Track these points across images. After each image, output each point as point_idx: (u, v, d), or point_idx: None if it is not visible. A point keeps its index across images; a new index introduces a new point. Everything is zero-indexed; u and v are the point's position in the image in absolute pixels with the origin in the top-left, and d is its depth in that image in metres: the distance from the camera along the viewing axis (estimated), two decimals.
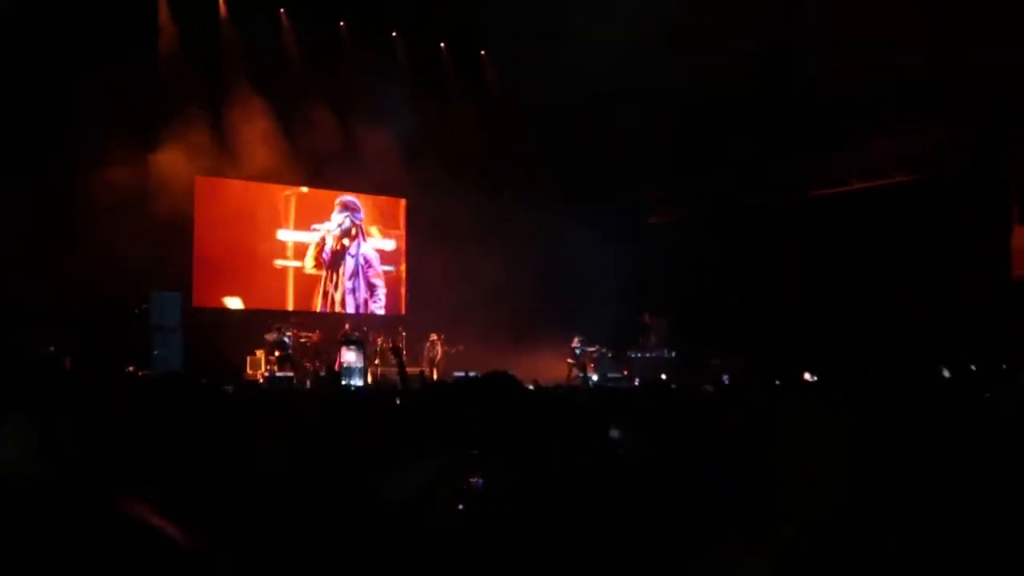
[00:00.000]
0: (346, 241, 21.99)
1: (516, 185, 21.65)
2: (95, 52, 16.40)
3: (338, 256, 21.92)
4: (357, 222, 22.11)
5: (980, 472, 3.25)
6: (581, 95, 18.99)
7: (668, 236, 21.78)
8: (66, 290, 15.67)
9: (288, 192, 21.20)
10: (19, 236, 15.98)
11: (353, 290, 22.16)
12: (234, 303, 20.28)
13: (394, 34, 21.32)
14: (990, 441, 3.92)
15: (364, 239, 22.28)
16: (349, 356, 18.07)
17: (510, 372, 5.10)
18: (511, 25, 19.72)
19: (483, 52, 22.53)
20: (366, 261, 22.41)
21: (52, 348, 15.64)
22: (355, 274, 22.22)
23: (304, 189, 21.35)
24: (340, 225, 21.86)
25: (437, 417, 5.26)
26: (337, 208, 21.96)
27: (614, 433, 4.67)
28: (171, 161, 18.33)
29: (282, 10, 20.07)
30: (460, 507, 3.73)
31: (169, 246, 18.60)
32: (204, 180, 19.91)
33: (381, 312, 22.48)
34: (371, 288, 22.39)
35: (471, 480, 4.11)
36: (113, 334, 16.23)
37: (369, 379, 18.55)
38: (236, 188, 20.45)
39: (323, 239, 21.70)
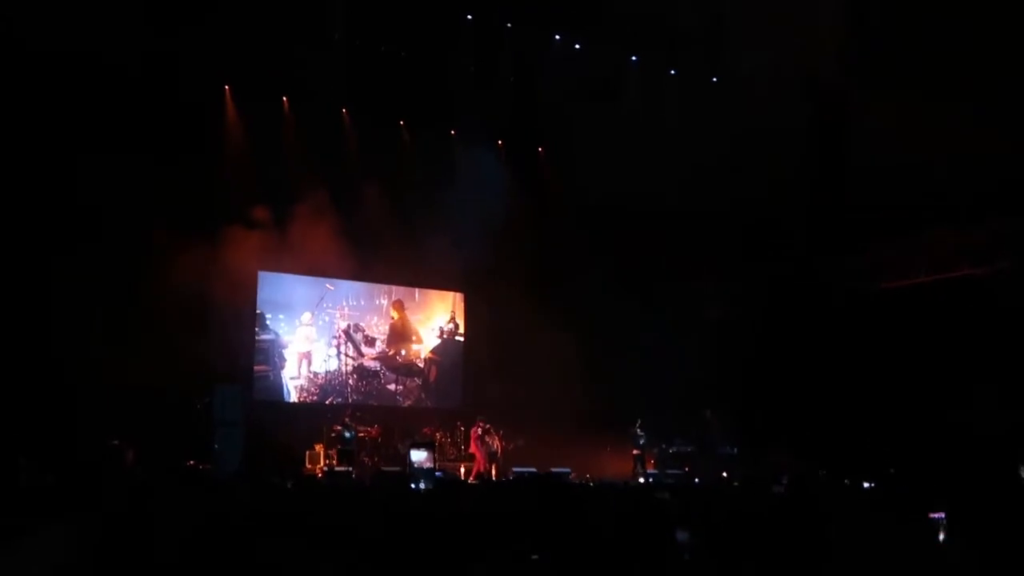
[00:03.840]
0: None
1: (573, 280, 21.63)
2: (162, 149, 16.96)
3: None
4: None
5: None
6: (636, 188, 19.11)
7: (730, 330, 21.53)
8: (130, 383, 15.92)
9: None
10: (85, 329, 16.30)
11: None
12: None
13: (452, 132, 21.71)
14: None
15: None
16: (419, 456, 18.01)
17: (569, 471, 5.04)
18: (566, 120, 20.07)
19: (540, 149, 22.83)
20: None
21: (116, 441, 15.81)
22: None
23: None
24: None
25: (497, 520, 5.19)
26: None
27: (681, 536, 4.56)
28: (235, 256, 18.68)
29: (344, 110, 20.56)
30: None
31: (232, 340, 18.85)
32: (267, 275, 20.31)
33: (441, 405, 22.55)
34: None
35: None
36: (176, 428, 16.36)
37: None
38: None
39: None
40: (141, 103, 17.05)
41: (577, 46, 19.86)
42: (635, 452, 19.94)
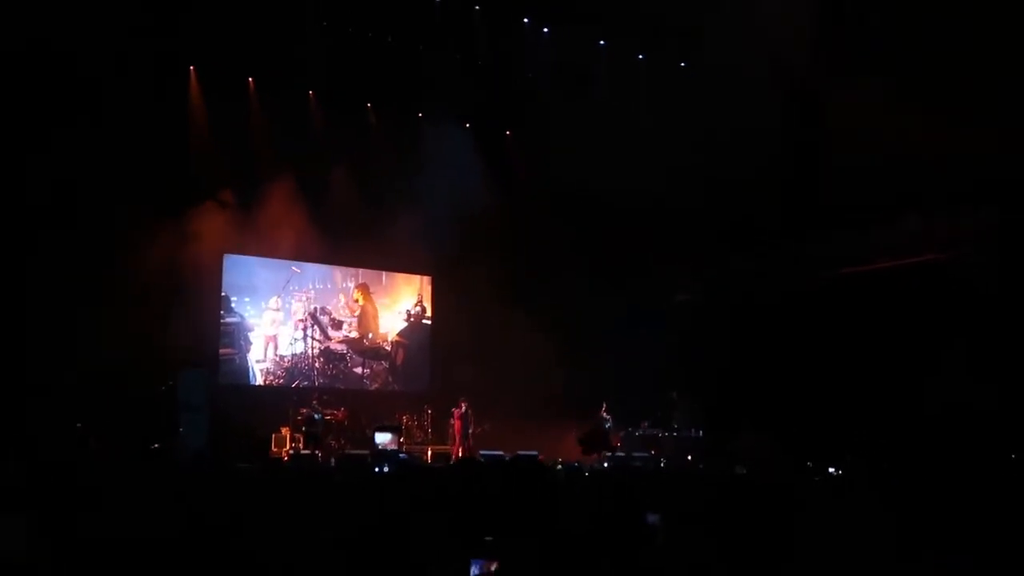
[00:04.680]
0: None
1: (541, 264, 21.64)
2: (126, 132, 16.76)
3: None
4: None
5: None
6: (606, 175, 19.11)
7: (697, 314, 21.65)
8: (94, 366, 15.78)
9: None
10: (49, 312, 16.12)
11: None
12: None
13: (420, 115, 21.59)
14: None
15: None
16: (383, 439, 17.99)
17: (536, 454, 5.05)
18: (536, 107, 20.03)
19: (507, 133, 22.77)
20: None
21: (79, 425, 15.66)
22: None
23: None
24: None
25: (460, 501, 5.20)
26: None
27: (652, 519, 4.59)
28: (200, 239, 18.51)
29: (311, 92, 20.38)
30: None
31: (197, 323, 18.69)
32: (232, 258, 20.15)
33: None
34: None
35: (488, 566, 4.05)
36: (140, 411, 16.23)
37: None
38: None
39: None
40: (105, 84, 16.80)
41: (546, 30, 19.82)
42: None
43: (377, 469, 13.44)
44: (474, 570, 4.00)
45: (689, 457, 18.72)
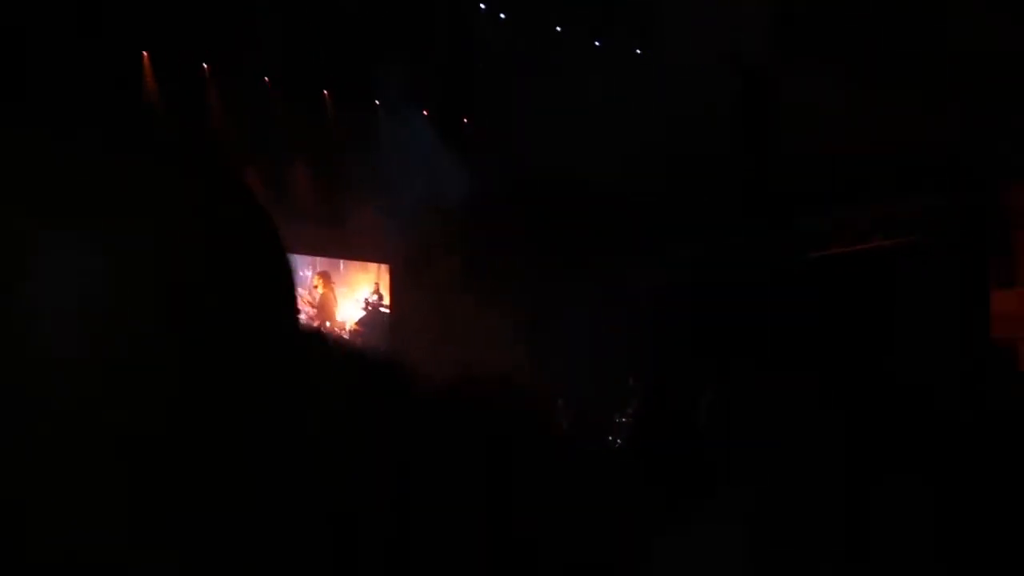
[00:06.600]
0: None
1: (501, 253, 21.54)
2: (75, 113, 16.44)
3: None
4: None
5: None
6: (565, 162, 19.09)
7: (654, 300, 21.68)
8: None
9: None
10: None
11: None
12: None
13: (376, 103, 21.45)
14: None
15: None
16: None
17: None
18: (494, 95, 19.99)
19: (465, 120, 22.67)
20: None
21: None
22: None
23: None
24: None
25: None
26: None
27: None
28: None
29: (266, 77, 20.18)
30: None
31: None
32: None
33: None
34: None
35: None
36: None
37: None
38: None
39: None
40: (56, 68, 16.47)
41: (503, 16, 19.77)
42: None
43: None
44: None
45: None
